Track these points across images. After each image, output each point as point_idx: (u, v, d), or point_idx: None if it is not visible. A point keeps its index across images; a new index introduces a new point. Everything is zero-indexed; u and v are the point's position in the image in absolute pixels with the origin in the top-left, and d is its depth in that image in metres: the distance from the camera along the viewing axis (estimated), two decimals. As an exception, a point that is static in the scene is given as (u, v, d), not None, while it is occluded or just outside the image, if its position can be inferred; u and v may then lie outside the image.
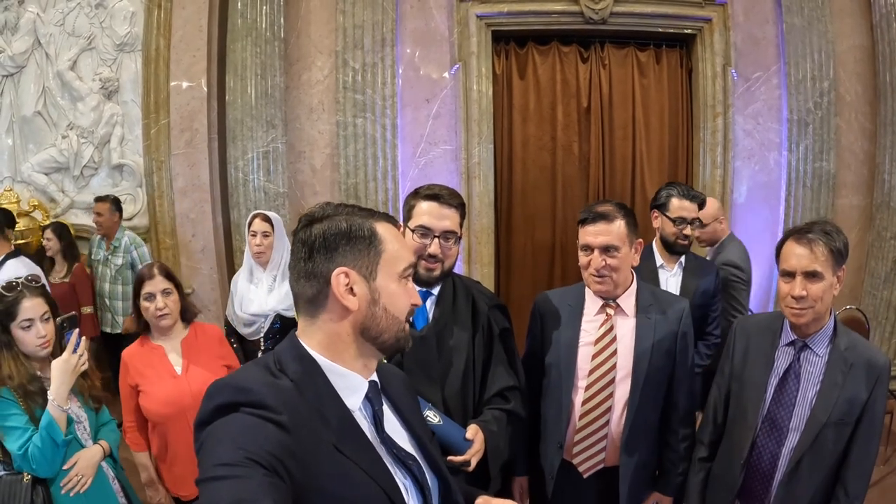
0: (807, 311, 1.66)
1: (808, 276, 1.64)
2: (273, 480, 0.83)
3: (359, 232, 1.02)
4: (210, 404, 0.92)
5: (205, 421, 0.92)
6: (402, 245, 1.07)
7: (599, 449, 1.93)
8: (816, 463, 1.69)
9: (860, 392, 1.65)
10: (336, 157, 4.58)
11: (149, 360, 2.21)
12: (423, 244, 1.71)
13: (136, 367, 2.20)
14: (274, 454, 0.85)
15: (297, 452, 0.89)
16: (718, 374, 1.98)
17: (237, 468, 0.81)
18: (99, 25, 4.41)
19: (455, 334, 1.79)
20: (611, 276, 1.86)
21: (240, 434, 0.87)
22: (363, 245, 1.01)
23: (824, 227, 1.69)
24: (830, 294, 1.66)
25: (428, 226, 1.71)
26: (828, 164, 4.64)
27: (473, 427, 1.68)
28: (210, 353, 2.29)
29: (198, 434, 0.92)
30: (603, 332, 1.92)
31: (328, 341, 1.02)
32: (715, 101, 4.65)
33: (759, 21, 4.64)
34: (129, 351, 2.26)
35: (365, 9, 4.42)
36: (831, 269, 1.64)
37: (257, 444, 0.85)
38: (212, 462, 0.84)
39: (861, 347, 1.71)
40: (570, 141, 4.90)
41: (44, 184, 4.41)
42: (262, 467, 0.83)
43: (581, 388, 1.92)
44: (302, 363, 1.00)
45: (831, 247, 1.64)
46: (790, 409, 1.73)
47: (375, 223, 1.04)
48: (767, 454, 1.77)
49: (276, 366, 1.00)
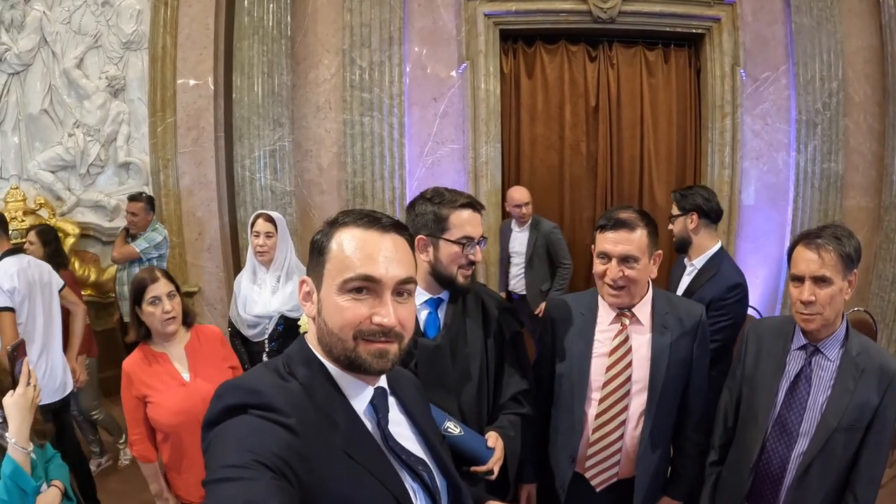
0: (815, 317, 1.65)
1: (817, 281, 1.63)
2: (280, 483, 0.82)
3: (317, 238, 1.02)
4: (219, 405, 0.92)
5: (213, 421, 0.91)
6: (355, 254, 0.96)
7: (613, 463, 1.87)
8: (826, 468, 1.67)
9: (871, 397, 1.63)
10: (343, 156, 4.57)
11: (153, 369, 2.13)
12: (467, 254, 1.69)
13: (141, 377, 2.11)
14: (281, 457, 0.84)
15: (304, 455, 0.88)
16: (730, 378, 1.96)
17: (245, 470, 0.81)
18: (105, 23, 4.40)
19: (469, 341, 1.76)
20: (627, 287, 1.78)
21: (248, 436, 0.86)
22: (315, 253, 1.02)
23: (835, 231, 1.66)
24: (840, 299, 1.64)
25: (473, 235, 1.69)
26: (836, 165, 4.63)
27: (493, 435, 1.66)
28: (215, 356, 2.26)
29: (205, 434, 0.92)
30: (618, 344, 1.84)
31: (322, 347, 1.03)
32: (723, 101, 4.64)
33: (767, 21, 4.62)
34: (131, 361, 2.14)
35: (372, 7, 4.41)
36: (841, 273, 1.62)
37: (265, 447, 0.84)
38: (219, 463, 0.83)
39: (873, 352, 1.70)
40: (577, 140, 4.89)
41: (50, 182, 4.40)
42: (270, 469, 0.82)
43: (595, 399, 1.86)
44: (310, 366, 1.00)
45: (841, 252, 1.62)
46: (801, 413, 1.71)
47: (339, 230, 0.99)
48: (777, 458, 1.75)
49: (285, 368, 1.00)
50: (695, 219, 2.61)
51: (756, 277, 4.70)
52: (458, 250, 1.67)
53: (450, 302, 1.78)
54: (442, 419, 1.53)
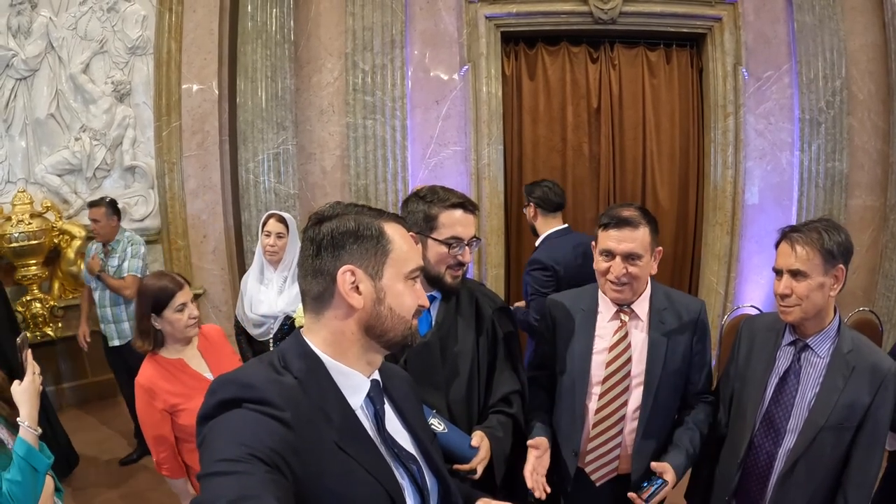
0: (793, 309, 1.65)
1: (794, 275, 1.63)
2: (275, 477, 0.83)
3: (367, 231, 1.02)
4: (213, 399, 0.93)
5: (208, 415, 0.92)
6: (410, 247, 1.07)
7: (613, 457, 1.89)
8: (813, 467, 1.64)
9: (862, 396, 1.60)
10: (346, 159, 4.59)
11: (175, 377, 2.06)
12: (455, 254, 1.67)
13: (165, 388, 2.01)
14: (276, 450, 0.85)
15: (299, 449, 0.89)
16: (724, 376, 1.96)
17: (239, 464, 0.82)
18: (111, 29, 4.45)
19: (459, 339, 1.75)
20: (630, 284, 1.80)
21: (242, 430, 0.87)
22: (370, 244, 1.02)
23: (819, 225, 1.65)
24: (821, 294, 1.62)
25: (462, 236, 1.68)
26: (840, 164, 4.60)
27: (479, 434, 1.64)
28: (226, 351, 2.27)
29: (200, 428, 0.92)
30: (617, 339, 1.86)
31: (332, 339, 1.02)
32: (726, 101, 4.62)
33: (769, 19, 4.61)
34: (148, 376, 2.04)
35: (374, 11, 4.43)
36: (819, 268, 1.61)
37: (259, 441, 0.85)
38: (214, 457, 0.84)
39: (866, 351, 1.66)
40: (580, 142, 4.88)
41: (57, 185, 4.44)
42: (264, 463, 0.83)
43: (595, 394, 1.87)
44: (306, 360, 1.00)
45: (820, 246, 1.60)
46: (788, 409, 1.70)
47: (384, 223, 1.04)
48: (764, 455, 1.74)
49: (280, 363, 1.00)
50: (532, 208, 3.13)
51: (760, 278, 4.68)
52: (446, 251, 1.67)
53: (442, 300, 1.77)
54: (426, 415, 1.53)
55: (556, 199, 3.11)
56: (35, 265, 4.33)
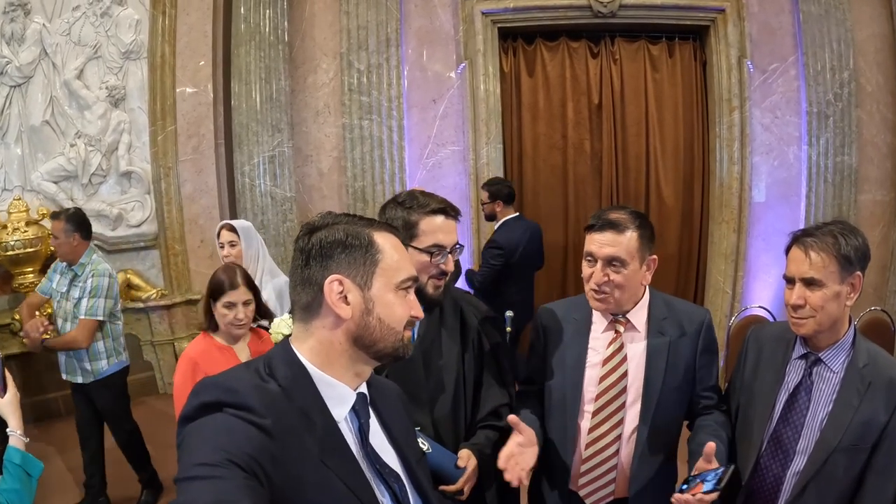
0: (807, 321, 1.50)
1: (807, 284, 1.48)
2: (252, 483, 0.83)
3: (355, 240, 1.02)
4: (196, 401, 0.92)
5: (188, 417, 0.91)
6: (402, 256, 1.06)
7: (608, 481, 1.75)
8: (824, 491, 1.50)
9: (878, 414, 1.46)
10: (343, 160, 4.54)
11: (220, 361, 2.08)
12: (437, 263, 1.58)
13: (211, 364, 2.02)
14: (254, 457, 0.85)
15: (278, 457, 0.88)
16: (729, 388, 1.82)
17: (217, 468, 0.81)
18: (104, 34, 4.41)
19: (444, 353, 1.66)
20: (612, 293, 1.66)
21: (221, 435, 0.86)
22: (359, 253, 1.01)
23: (834, 228, 1.50)
24: (837, 304, 1.48)
25: (444, 244, 1.59)
26: (849, 158, 4.49)
27: (465, 453, 1.57)
28: None
29: (180, 430, 0.92)
30: (612, 352, 1.72)
31: (320, 348, 1.02)
32: (731, 95, 4.52)
33: (774, 10, 4.49)
34: (198, 350, 2.13)
35: (369, 9, 4.37)
36: (835, 276, 1.46)
37: (238, 446, 0.84)
38: (192, 461, 0.83)
39: (883, 364, 1.52)
40: (581, 139, 4.80)
41: (53, 192, 4.42)
42: (242, 470, 0.83)
43: (588, 412, 1.74)
44: (291, 369, 1.00)
45: (836, 252, 1.46)
46: (798, 429, 1.55)
47: (374, 232, 1.04)
48: (771, 477, 1.60)
49: (265, 369, 1.00)
50: (499, 202, 3.93)
51: (769, 277, 4.57)
52: (427, 259, 1.57)
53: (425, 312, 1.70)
54: None
55: (512, 192, 4.00)
56: (32, 273, 4.30)
